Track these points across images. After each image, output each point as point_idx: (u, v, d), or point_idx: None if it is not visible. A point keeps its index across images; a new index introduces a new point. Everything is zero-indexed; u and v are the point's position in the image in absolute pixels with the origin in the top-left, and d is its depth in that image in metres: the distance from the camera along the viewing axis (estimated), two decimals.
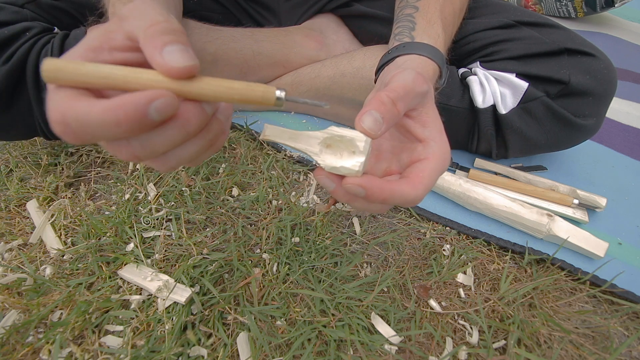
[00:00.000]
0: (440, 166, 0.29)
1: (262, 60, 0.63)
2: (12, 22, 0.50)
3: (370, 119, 0.26)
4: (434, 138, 0.30)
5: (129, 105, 0.19)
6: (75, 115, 0.19)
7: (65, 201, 0.55)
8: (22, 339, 0.41)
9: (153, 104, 0.19)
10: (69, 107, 0.19)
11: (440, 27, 0.44)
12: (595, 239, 0.50)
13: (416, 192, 0.27)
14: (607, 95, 0.52)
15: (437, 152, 0.29)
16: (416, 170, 0.29)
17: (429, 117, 0.31)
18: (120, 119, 0.19)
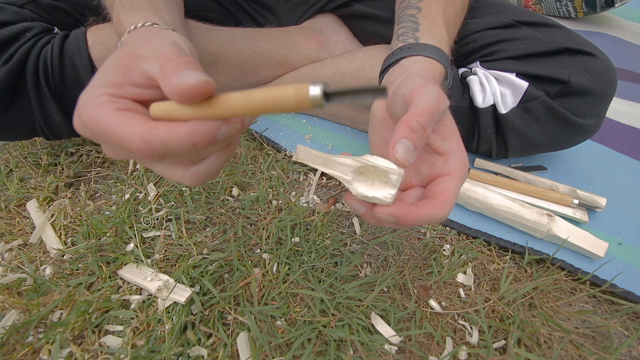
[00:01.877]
0: (462, 180, 0.30)
1: (262, 60, 0.63)
2: (12, 23, 0.50)
3: (403, 149, 0.26)
4: (454, 151, 0.30)
5: (201, 132, 0.22)
6: (159, 141, 0.22)
7: (65, 201, 0.55)
8: (22, 339, 0.41)
9: (220, 130, 0.22)
10: (150, 132, 0.22)
11: (443, 28, 0.44)
12: (595, 239, 0.50)
13: (443, 213, 0.28)
14: (607, 95, 0.52)
15: (459, 166, 0.30)
16: (441, 189, 0.29)
17: (448, 129, 0.31)
18: (194, 142, 0.22)
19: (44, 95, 0.51)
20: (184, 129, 0.22)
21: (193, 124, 0.22)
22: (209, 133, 0.22)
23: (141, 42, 0.26)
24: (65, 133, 0.56)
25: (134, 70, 0.25)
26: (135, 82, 0.25)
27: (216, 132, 0.22)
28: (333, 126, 0.70)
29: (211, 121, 0.22)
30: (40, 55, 0.50)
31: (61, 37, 0.52)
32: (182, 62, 0.23)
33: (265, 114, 0.23)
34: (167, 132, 0.22)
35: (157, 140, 0.22)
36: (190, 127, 0.22)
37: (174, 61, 0.23)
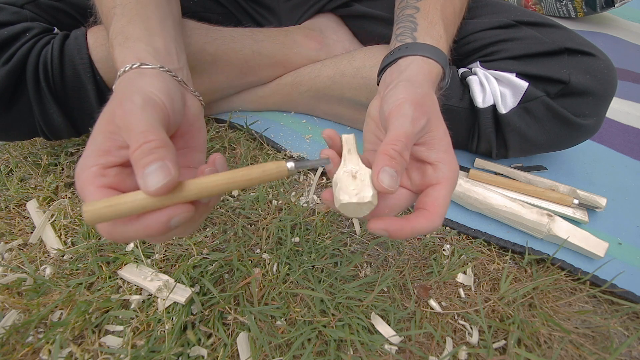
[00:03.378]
0: (451, 188, 0.30)
1: (262, 60, 0.63)
2: (12, 23, 0.50)
3: (387, 177, 0.27)
4: (442, 160, 0.31)
5: (154, 226, 0.24)
6: (120, 236, 0.25)
7: (65, 201, 0.55)
8: (22, 339, 0.41)
9: (173, 219, 0.24)
10: (113, 230, 0.25)
11: (442, 28, 0.44)
12: (595, 239, 0.50)
13: (434, 224, 0.29)
14: (607, 95, 0.52)
15: (447, 174, 0.30)
16: (431, 200, 0.30)
17: (434, 139, 0.31)
18: (150, 234, 0.25)
19: (44, 95, 0.51)
20: (137, 225, 0.24)
21: (146, 220, 0.24)
22: (161, 227, 0.24)
23: (118, 104, 0.28)
24: (65, 133, 0.56)
25: (117, 134, 0.27)
26: (121, 145, 0.27)
27: (168, 223, 0.24)
28: (333, 126, 0.70)
29: (161, 214, 0.24)
30: (40, 55, 0.50)
31: (61, 38, 0.52)
32: (145, 152, 0.24)
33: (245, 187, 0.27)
34: (124, 227, 0.24)
35: (118, 233, 0.25)
36: (142, 224, 0.24)
37: (141, 148, 0.24)
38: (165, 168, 0.24)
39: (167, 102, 0.29)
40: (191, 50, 0.57)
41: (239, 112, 0.71)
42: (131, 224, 0.24)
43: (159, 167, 0.24)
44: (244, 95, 0.69)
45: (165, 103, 0.29)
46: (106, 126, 0.27)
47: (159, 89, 0.30)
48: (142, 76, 0.31)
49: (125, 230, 0.24)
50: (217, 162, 0.30)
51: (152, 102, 0.28)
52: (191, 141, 0.34)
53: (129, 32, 0.36)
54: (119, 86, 0.31)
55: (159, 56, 0.35)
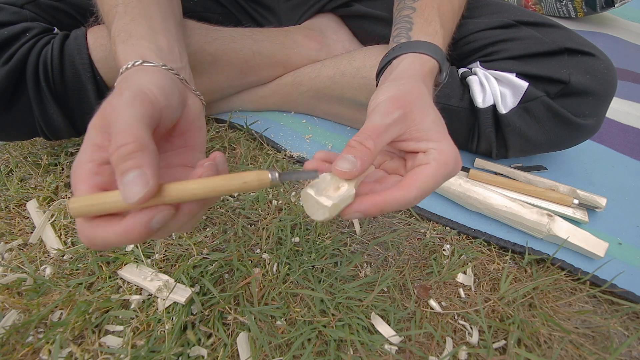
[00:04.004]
0: (439, 170, 0.29)
1: (262, 60, 0.63)
2: (12, 23, 0.50)
3: (344, 161, 0.28)
4: (433, 146, 0.30)
5: (134, 231, 0.24)
6: (100, 240, 0.24)
7: (65, 201, 0.55)
8: (22, 339, 0.41)
9: (153, 220, 0.24)
10: (93, 234, 0.24)
11: (438, 24, 0.44)
12: (595, 239, 0.50)
13: (408, 196, 0.28)
14: (607, 95, 0.52)
15: (438, 158, 0.30)
16: (411, 175, 0.30)
17: (420, 132, 0.31)
18: (131, 238, 0.24)
19: (44, 95, 0.51)
20: (118, 228, 0.24)
21: (126, 223, 0.24)
22: (142, 229, 0.24)
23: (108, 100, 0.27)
24: (65, 133, 0.56)
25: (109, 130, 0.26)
26: None
27: (149, 224, 0.24)
28: (333, 126, 0.70)
29: (141, 216, 0.24)
30: (40, 55, 0.50)
31: (61, 38, 0.52)
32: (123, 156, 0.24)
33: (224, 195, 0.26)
34: (104, 233, 0.24)
35: (97, 240, 0.24)
36: (123, 227, 0.24)
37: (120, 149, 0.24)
38: (143, 177, 0.23)
39: (160, 96, 0.29)
40: (191, 50, 0.57)
41: (239, 112, 0.71)
42: (111, 228, 0.24)
43: (138, 175, 0.23)
44: (244, 95, 0.69)
45: (157, 97, 0.29)
46: (99, 121, 0.27)
47: (153, 83, 0.29)
48: (141, 72, 0.31)
49: (106, 237, 0.24)
50: (218, 159, 0.29)
51: (141, 96, 0.27)
52: (190, 140, 0.34)
53: (132, 30, 0.36)
54: (118, 83, 0.31)
55: (162, 55, 0.35)
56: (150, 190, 0.23)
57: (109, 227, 0.24)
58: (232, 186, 0.25)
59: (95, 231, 0.24)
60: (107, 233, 0.24)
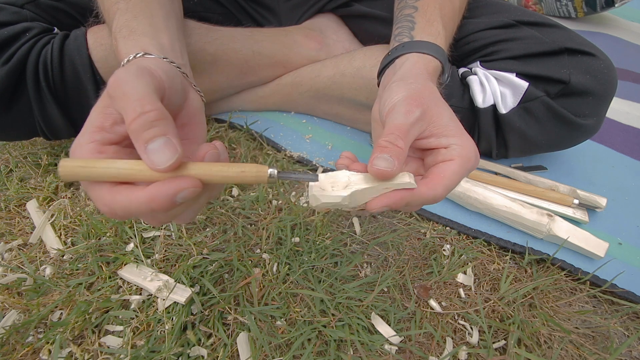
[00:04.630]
0: (464, 164, 0.30)
1: (262, 60, 0.63)
2: (12, 23, 0.50)
3: (381, 160, 0.28)
4: (454, 142, 0.30)
5: (159, 199, 0.23)
6: (119, 206, 0.23)
7: (65, 201, 0.55)
8: (22, 339, 0.41)
9: (179, 195, 0.23)
10: (112, 200, 0.23)
11: (440, 25, 0.44)
12: (596, 239, 0.50)
13: (434, 192, 0.29)
14: (607, 95, 0.52)
15: (462, 153, 0.30)
16: (437, 171, 0.30)
17: (439, 127, 0.31)
18: (154, 207, 0.23)
19: (43, 95, 0.51)
20: (142, 194, 0.23)
21: (151, 190, 0.23)
22: (168, 198, 0.23)
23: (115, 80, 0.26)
24: (65, 133, 0.56)
25: (110, 108, 0.26)
26: (115, 120, 0.25)
27: (174, 197, 0.23)
28: (333, 126, 0.70)
29: (170, 185, 0.23)
30: (40, 55, 0.50)
31: (61, 38, 0.52)
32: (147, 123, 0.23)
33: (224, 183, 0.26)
34: (127, 199, 0.23)
35: (119, 206, 0.23)
36: (148, 193, 0.23)
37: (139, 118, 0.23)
38: (171, 145, 0.23)
39: (163, 76, 0.28)
40: (191, 50, 0.57)
41: (239, 112, 0.71)
42: (134, 194, 0.23)
43: (164, 143, 0.23)
44: (244, 95, 0.69)
45: (161, 76, 0.28)
46: (102, 103, 0.26)
47: (156, 65, 0.29)
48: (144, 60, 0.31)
49: (127, 204, 0.23)
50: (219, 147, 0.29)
51: (147, 71, 0.27)
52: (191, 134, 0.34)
53: (134, 27, 0.36)
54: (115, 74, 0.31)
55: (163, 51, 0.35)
56: (180, 156, 0.23)
57: (131, 194, 0.23)
58: (231, 173, 0.25)
59: (116, 197, 0.23)
60: (129, 200, 0.23)
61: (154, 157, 0.23)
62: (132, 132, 0.23)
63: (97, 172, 0.23)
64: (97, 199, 0.24)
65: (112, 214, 0.24)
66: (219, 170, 0.25)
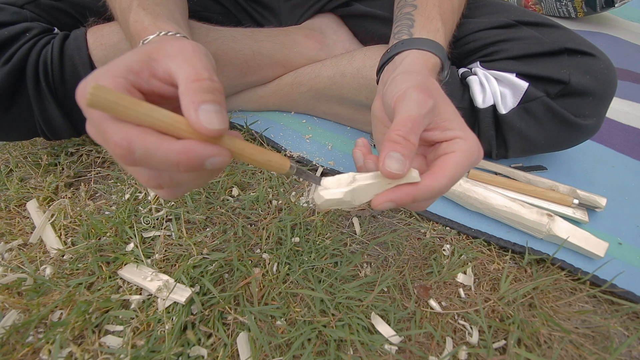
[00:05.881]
0: (467, 159, 0.29)
1: (262, 60, 0.63)
2: (12, 23, 0.51)
3: (393, 161, 0.27)
4: (458, 135, 0.30)
5: (193, 154, 0.22)
6: (144, 147, 0.21)
7: (65, 201, 0.55)
8: (22, 339, 0.41)
9: (211, 159, 0.22)
10: (139, 137, 0.21)
11: (439, 22, 0.44)
12: (595, 239, 0.50)
13: (439, 183, 0.28)
14: (607, 95, 0.52)
15: (464, 146, 0.30)
16: (440, 163, 0.29)
17: (445, 121, 0.31)
18: (181, 161, 0.22)
19: (43, 95, 0.51)
20: (178, 144, 0.22)
21: (189, 143, 0.22)
22: (200, 158, 0.22)
23: (173, 42, 0.26)
24: (65, 133, 0.56)
25: (158, 63, 0.25)
26: (156, 74, 0.25)
27: (206, 160, 0.22)
28: (333, 126, 0.70)
29: (207, 146, 0.22)
30: (40, 55, 0.50)
31: (61, 38, 0.52)
32: (205, 88, 0.23)
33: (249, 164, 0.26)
34: (157, 142, 0.21)
35: (142, 145, 0.21)
36: (184, 146, 0.22)
37: (201, 82, 0.23)
38: (223, 114, 0.23)
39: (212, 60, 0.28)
40: None
41: (239, 112, 0.71)
42: (168, 142, 0.22)
43: (218, 110, 0.22)
44: (244, 95, 0.69)
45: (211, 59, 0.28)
46: (147, 52, 0.25)
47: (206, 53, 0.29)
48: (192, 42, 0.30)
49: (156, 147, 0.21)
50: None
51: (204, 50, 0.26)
52: None
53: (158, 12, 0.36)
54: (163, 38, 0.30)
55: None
56: (226, 128, 0.23)
57: (165, 140, 0.22)
58: (259, 158, 0.26)
59: (146, 137, 0.21)
60: (159, 144, 0.21)
61: (204, 117, 0.22)
62: (188, 91, 0.23)
63: (130, 114, 0.21)
64: (116, 131, 0.21)
65: (126, 152, 0.21)
66: (250, 152, 0.25)
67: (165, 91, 0.25)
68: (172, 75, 0.24)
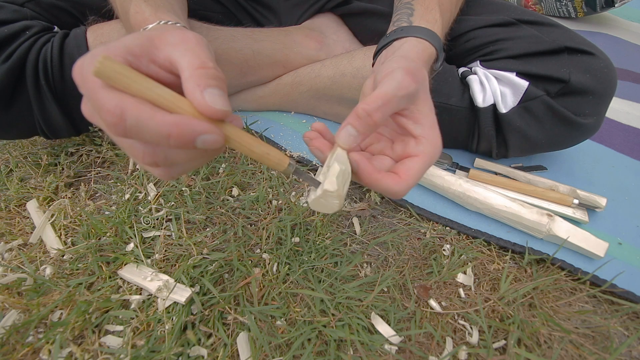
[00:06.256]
0: (428, 163, 0.31)
1: (262, 60, 0.63)
2: (12, 21, 0.50)
3: (344, 134, 0.29)
4: (426, 135, 0.31)
5: (185, 127, 0.22)
6: (136, 116, 0.21)
7: (65, 201, 0.55)
8: (22, 339, 0.41)
9: (203, 136, 0.22)
10: (133, 107, 0.21)
11: (438, 13, 0.45)
12: (595, 239, 0.50)
13: (399, 188, 0.30)
14: (607, 94, 0.52)
15: (428, 150, 0.31)
16: (405, 168, 0.31)
17: (420, 114, 0.32)
18: (172, 134, 0.22)
19: (43, 94, 0.51)
20: (170, 117, 0.22)
21: (181, 118, 0.22)
22: (192, 134, 0.22)
23: (175, 31, 0.26)
24: (65, 132, 0.56)
25: (159, 49, 0.25)
26: (156, 60, 0.25)
27: (197, 137, 0.22)
28: (333, 126, 0.70)
29: (200, 123, 0.22)
30: (40, 53, 0.50)
31: (61, 36, 0.52)
32: (210, 75, 0.23)
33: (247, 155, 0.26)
34: (150, 112, 0.21)
35: (135, 113, 0.21)
36: (176, 119, 0.22)
37: (207, 69, 0.23)
38: (225, 99, 0.23)
39: None
40: None
41: (239, 112, 0.71)
42: (162, 114, 0.22)
43: (223, 95, 0.23)
44: (244, 95, 0.69)
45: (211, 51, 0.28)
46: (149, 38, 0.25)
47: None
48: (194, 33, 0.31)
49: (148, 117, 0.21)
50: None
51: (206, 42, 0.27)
52: None
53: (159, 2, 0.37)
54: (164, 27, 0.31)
55: None
56: (229, 112, 0.23)
57: (158, 112, 0.22)
58: (256, 149, 0.26)
59: (140, 107, 0.21)
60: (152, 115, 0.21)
61: (209, 98, 0.22)
62: (193, 76, 0.23)
63: (134, 87, 0.22)
64: (110, 99, 0.21)
65: (117, 119, 0.21)
66: (248, 142, 0.25)
67: (163, 78, 0.25)
68: (173, 63, 0.24)
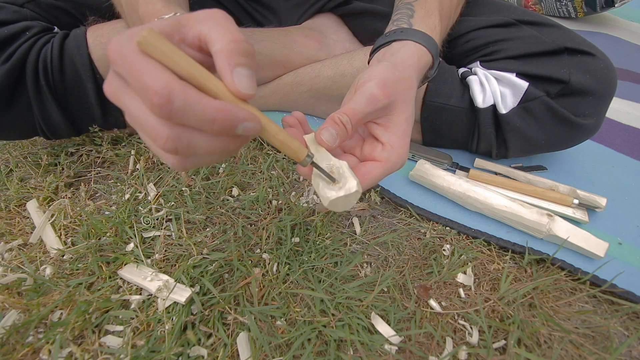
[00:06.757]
0: (389, 170, 0.33)
1: (262, 60, 0.63)
2: (12, 22, 0.50)
3: (327, 134, 0.31)
4: (392, 144, 0.33)
5: (230, 114, 0.22)
6: (184, 99, 0.21)
7: (65, 201, 0.55)
8: (22, 339, 0.41)
9: (245, 123, 0.23)
10: (181, 89, 0.21)
11: (437, 18, 0.45)
12: (595, 239, 0.50)
13: None
14: (607, 94, 0.52)
15: (392, 158, 0.33)
16: (365, 170, 0.33)
17: (392, 123, 0.34)
18: (217, 119, 0.22)
19: (43, 94, 0.51)
20: (216, 102, 0.22)
21: (226, 104, 0.23)
22: (236, 119, 0.23)
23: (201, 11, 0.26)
24: (65, 132, 0.56)
25: (188, 28, 0.25)
26: (185, 39, 0.25)
27: (239, 123, 0.23)
28: None
29: (242, 110, 0.23)
30: (40, 54, 0.50)
31: (61, 37, 0.52)
32: (241, 50, 0.23)
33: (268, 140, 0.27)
34: (198, 96, 0.22)
35: (182, 96, 0.21)
36: (222, 105, 0.22)
37: (239, 43, 0.24)
38: (254, 80, 0.24)
39: None
40: None
41: None
42: (208, 98, 0.22)
43: (251, 75, 0.23)
44: None
45: None
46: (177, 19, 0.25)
47: None
48: None
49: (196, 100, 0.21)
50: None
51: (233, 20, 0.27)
52: None
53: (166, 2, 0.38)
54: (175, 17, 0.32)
55: None
56: (254, 95, 0.24)
57: (205, 96, 0.22)
58: (279, 136, 0.27)
59: (187, 90, 0.21)
60: (199, 98, 0.22)
61: (238, 80, 0.23)
62: (224, 52, 0.23)
63: (173, 63, 0.22)
64: (157, 79, 0.21)
65: (165, 100, 0.21)
66: (273, 129, 0.27)
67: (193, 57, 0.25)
68: (203, 39, 0.24)
